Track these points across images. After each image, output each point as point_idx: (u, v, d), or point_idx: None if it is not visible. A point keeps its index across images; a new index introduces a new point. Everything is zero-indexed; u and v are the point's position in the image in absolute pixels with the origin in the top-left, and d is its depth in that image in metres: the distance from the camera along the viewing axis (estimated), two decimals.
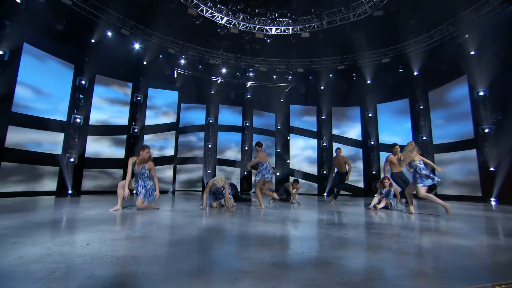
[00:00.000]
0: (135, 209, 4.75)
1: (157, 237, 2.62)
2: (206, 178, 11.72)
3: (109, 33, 9.02)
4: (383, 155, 11.44)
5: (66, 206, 5.27)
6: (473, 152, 8.88)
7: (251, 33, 10.93)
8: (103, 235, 2.61)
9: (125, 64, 9.82)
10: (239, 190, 12.68)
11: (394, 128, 11.16)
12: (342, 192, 11.67)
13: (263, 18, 10.62)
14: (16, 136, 7.11)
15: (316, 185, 12.29)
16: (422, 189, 4.79)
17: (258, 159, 5.59)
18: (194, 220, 3.77)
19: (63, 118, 8.05)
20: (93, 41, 8.65)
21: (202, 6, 9.64)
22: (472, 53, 8.91)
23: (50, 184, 7.75)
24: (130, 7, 9.28)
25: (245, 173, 12.86)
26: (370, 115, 11.82)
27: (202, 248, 2.23)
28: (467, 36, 8.97)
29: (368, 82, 11.59)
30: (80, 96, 8.44)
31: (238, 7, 9.96)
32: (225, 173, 12.31)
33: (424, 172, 4.79)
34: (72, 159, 8.14)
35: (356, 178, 11.86)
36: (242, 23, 10.60)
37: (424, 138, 10.35)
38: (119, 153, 9.37)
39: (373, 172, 11.43)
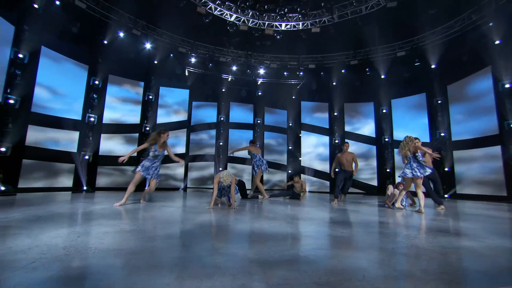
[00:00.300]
0: (141, 205, 4.85)
1: (148, 231, 2.64)
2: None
3: (121, 34, 9.26)
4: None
5: (76, 201, 5.48)
6: (497, 149, 8.33)
7: (261, 29, 10.83)
8: (98, 228, 2.68)
9: (136, 64, 10.05)
10: (250, 187, 12.74)
11: (409, 124, 10.67)
12: (355, 190, 11.38)
13: (273, 14, 10.49)
14: (35, 135, 7.49)
15: (328, 183, 12.03)
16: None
17: (247, 148, 6.10)
18: (193, 216, 3.78)
19: (78, 117, 8.38)
20: (105, 42, 8.92)
21: (211, 4, 9.67)
22: (497, 42, 8.33)
23: (67, 181, 8.11)
24: (141, 8, 9.48)
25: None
26: (384, 111, 11.39)
27: (188, 243, 2.22)
28: (491, 24, 8.38)
29: (382, 77, 11.16)
30: (94, 95, 8.75)
31: (247, 3, 9.90)
32: (236, 170, 12.35)
33: (415, 165, 4.97)
34: (86, 157, 8.46)
35: (369, 176, 11.50)
36: (251, 20, 10.53)
37: (442, 134, 9.83)
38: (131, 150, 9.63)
39: (387, 170, 11.02)
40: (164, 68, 10.84)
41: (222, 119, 12.75)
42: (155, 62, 10.42)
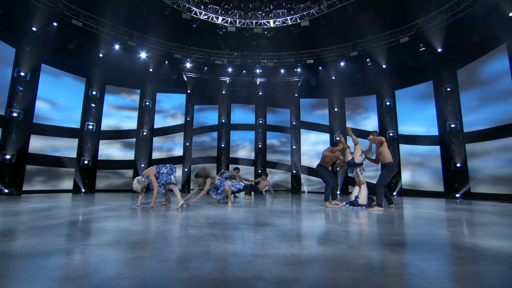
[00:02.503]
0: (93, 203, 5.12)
1: (32, 225, 2.80)
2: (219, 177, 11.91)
3: (117, 46, 9.92)
4: (404, 148, 10.01)
5: (52, 200, 5.97)
6: None
7: (250, 29, 10.75)
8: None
9: (132, 73, 10.66)
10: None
11: (416, 116, 9.62)
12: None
13: (259, 12, 10.34)
14: (38, 143, 8.39)
15: None
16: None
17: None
18: (101, 213, 3.87)
19: (77, 125, 9.18)
20: (101, 55, 9.62)
21: (195, 9, 9.87)
22: (511, 14, 7.18)
23: (68, 183, 8.91)
24: (135, 20, 10.06)
25: (260, 171, 12.71)
26: (387, 103, 10.44)
27: (40, 233, 2.29)
28: None
29: (384, 66, 10.25)
30: (92, 105, 9.50)
31: (231, 4, 9.90)
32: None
33: None
34: (86, 162, 9.21)
35: (373, 173, 10.60)
36: (238, 20, 10.50)
37: (453, 125, 8.67)
38: (129, 155, 10.24)
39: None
40: (160, 74, 11.33)
41: (223, 121, 12.89)
42: (150, 70, 10.94)
